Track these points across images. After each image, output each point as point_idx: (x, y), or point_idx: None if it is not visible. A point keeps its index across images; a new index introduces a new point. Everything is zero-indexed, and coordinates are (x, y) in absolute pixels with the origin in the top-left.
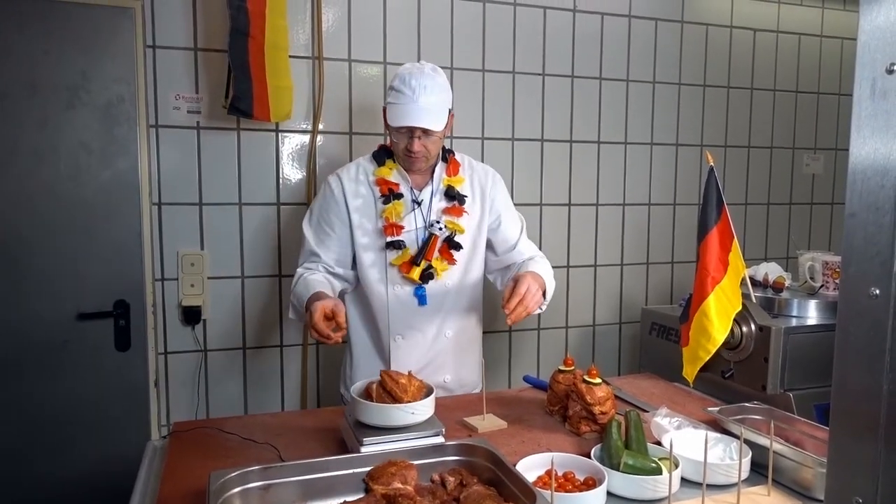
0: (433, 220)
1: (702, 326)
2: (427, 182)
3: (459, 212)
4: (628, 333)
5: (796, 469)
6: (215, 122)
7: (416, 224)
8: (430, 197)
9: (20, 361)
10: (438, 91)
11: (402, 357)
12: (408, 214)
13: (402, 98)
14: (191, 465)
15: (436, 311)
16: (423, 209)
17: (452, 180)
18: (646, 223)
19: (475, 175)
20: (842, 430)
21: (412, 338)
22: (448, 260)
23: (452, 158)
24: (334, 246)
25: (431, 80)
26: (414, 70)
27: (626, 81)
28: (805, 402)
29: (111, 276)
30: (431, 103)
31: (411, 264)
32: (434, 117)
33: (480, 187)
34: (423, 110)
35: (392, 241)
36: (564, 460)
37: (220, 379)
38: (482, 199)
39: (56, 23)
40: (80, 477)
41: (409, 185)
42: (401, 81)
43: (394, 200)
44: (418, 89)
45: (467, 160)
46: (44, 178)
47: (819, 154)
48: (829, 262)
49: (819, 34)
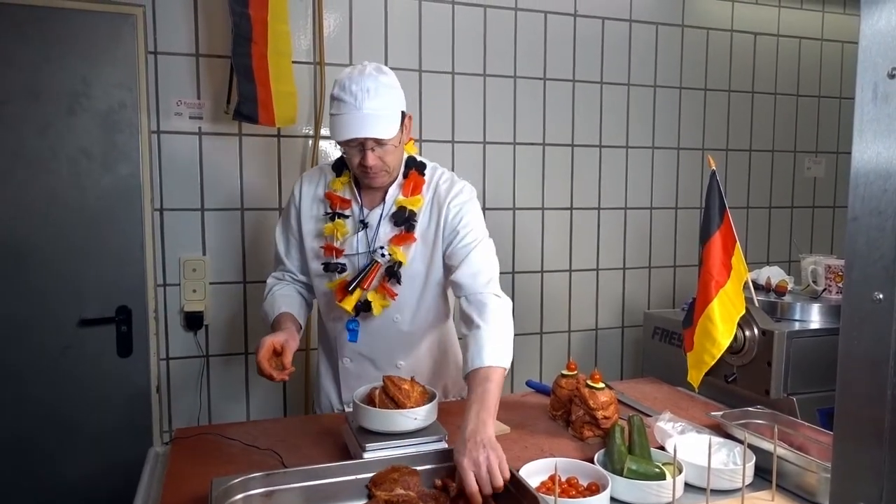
0: (378, 245)
1: (706, 331)
2: (380, 202)
3: (405, 239)
4: (630, 337)
5: (800, 474)
6: (217, 127)
7: (359, 248)
8: (379, 219)
9: (22, 367)
10: (384, 92)
11: (350, 381)
12: (352, 236)
13: (343, 107)
14: (193, 471)
15: (383, 342)
16: (369, 232)
17: (407, 201)
18: (647, 227)
19: (437, 194)
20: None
21: (360, 363)
22: (386, 293)
23: (414, 175)
24: (297, 254)
25: (374, 80)
26: (354, 73)
27: (627, 85)
28: (808, 407)
29: (113, 281)
30: (378, 108)
31: (345, 290)
32: (383, 124)
33: (438, 207)
34: (368, 118)
35: (328, 263)
36: (568, 465)
37: (222, 384)
38: (437, 220)
39: (58, 29)
40: (82, 483)
41: (360, 204)
42: (340, 88)
43: (338, 219)
44: (360, 94)
45: (437, 176)
46: (45, 185)
47: (821, 157)
48: (832, 265)
49: (819, 38)
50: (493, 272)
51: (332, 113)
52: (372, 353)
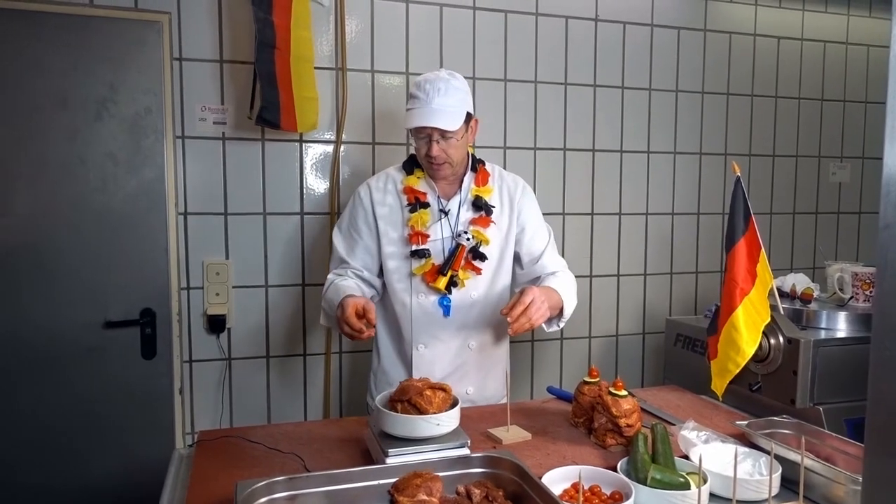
0: (460, 230)
1: (731, 339)
2: (455, 192)
3: (486, 222)
4: (651, 344)
5: (828, 485)
6: (240, 132)
7: (443, 233)
8: (458, 207)
9: (48, 368)
10: (453, 92)
11: (424, 367)
12: (434, 224)
13: (417, 102)
14: (217, 473)
15: (460, 321)
16: (451, 219)
17: (480, 190)
18: (669, 233)
19: (504, 185)
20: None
21: (435, 348)
22: (473, 270)
23: (482, 168)
24: (362, 253)
25: (446, 83)
26: (430, 76)
27: (648, 90)
28: (835, 417)
29: (138, 284)
30: (445, 104)
31: (437, 274)
32: (447, 118)
33: (509, 197)
34: (436, 111)
35: (417, 250)
36: (591, 474)
37: (243, 387)
38: (510, 209)
39: (86, 37)
40: (106, 484)
41: (437, 195)
42: (416, 87)
43: (420, 209)
44: (432, 92)
45: (497, 170)
46: (72, 189)
47: (846, 162)
48: (859, 273)
49: (844, 41)
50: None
51: (407, 108)
52: (447, 336)
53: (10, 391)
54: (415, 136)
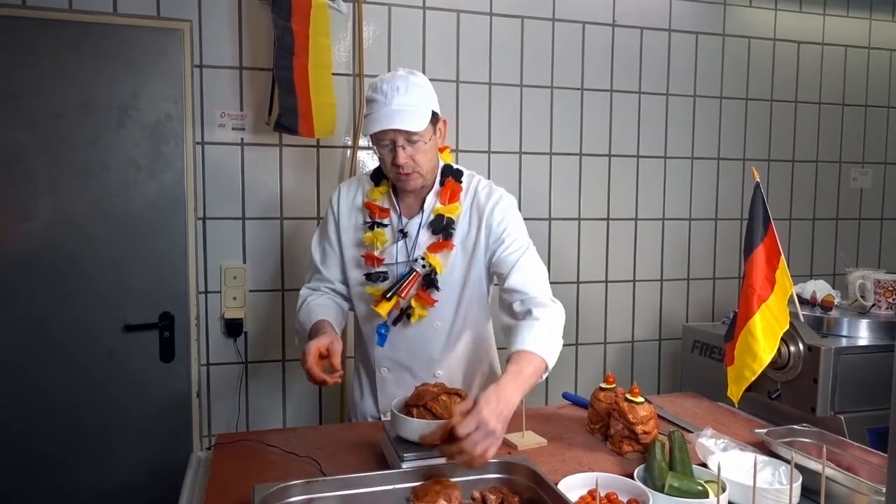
0: (417, 254)
1: (747, 346)
2: (418, 211)
3: (442, 247)
4: (668, 351)
5: (849, 496)
6: (259, 138)
7: (397, 258)
8: (418, 228)
9: (68, 371)
10: (414, 90)
11: (388, 389)
12: (391, 246)
13: (374, 106)
14: (234, 477)
15: (421, 350)
16: (408, 241)
17: (445, 209)
18: (686, 238)
19: (476, 201)
20: None
21: (397, 372)
22: (425, 301)
23: (450, 182)
24: (334, 263)
25: (405, 80)
26: (386, 76)
27: (665, 95)
28: (857, 426)
29: (157, 288)
30: (406, 104)
31: (381, 296)
32: (410, 118)
33: (479, 215)
34: (397, 112)
35: (370, 273)
36: (607, 481)
37: (259, 391)
38: (478, 227)
39: (109, 44)
40: (125, 486)
41: (399, 213)
42: (372, 90)
43: (377, 228)
44: (390, 92)
45: (474, 183)
46: (94, 194)
47: (867, 168)
48: (882, 280)
49: (867, 46)
50: (545, 277)
51: (364, 114)
52: (410, 362)
53: (30, 393)
54: (377, 145)
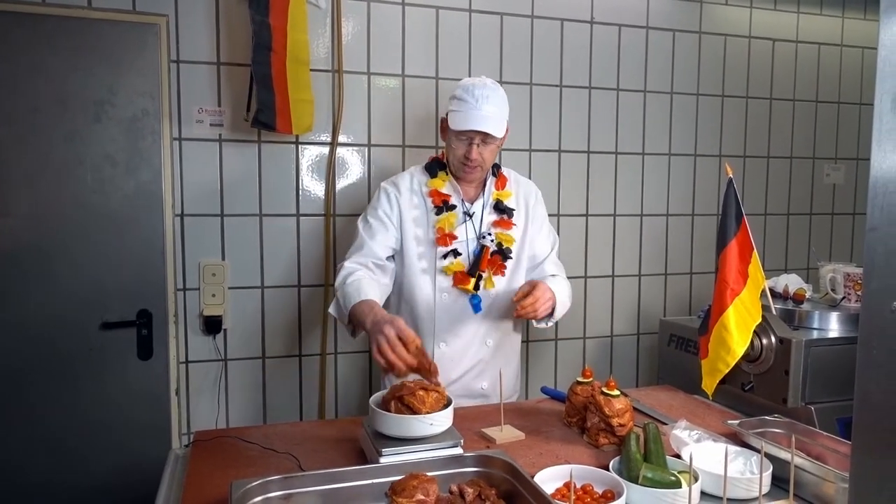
0: (483, 231)
1: (721, 339)
2: (478, 195)
3: (508, 224)
4: (646, 345)
5: (818, 484)
6: (237, 134)
7: (468, 235)
8: (482, 209)
9: (45, 369)
10: (499, 101)
11: (445, 363)
12: (460, 225)
13: (464, 106)
14: (212, 473)
15: (480, 319)
16: (475, 221)
17: (501, 194)
18: (664, 234)
19: (521, 189)
20: (864, 445)
21: (455, 345)
22: (499, 270)
23: (500, 173)
24: (382, 239)
25: (493, 91)
26: (476, 81)
27: (643, 92)
28: (827, 416)
29: (134, 285)
30: (492, 112)
31: (466, 275)
32: (494, 124)
33: (525, 201)
34: (484, 117)
35: (446, 252)
36: (583, 473)
37: (239, 388)
38: (526, 213)
39: (85, 39)
40: (103, 484)
41: (461, 198)
42: (464, 91)
43: (447, 211)
44: (481, 98)
45: (513, 175)
46: (70, 190)
47: (840, 164)
48: (851, 273)
49: (839, 43)
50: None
51: (452, 109)
52: (468, 332)
53: (7, 391)
54: (455, 138)
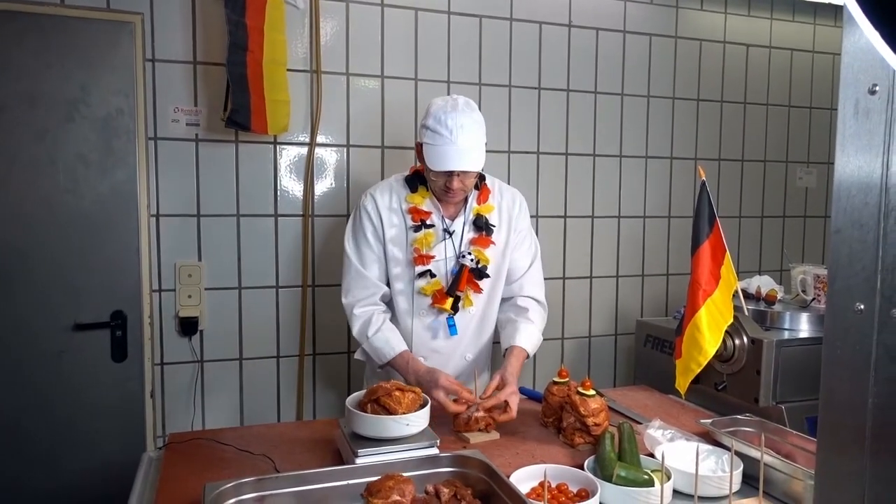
0: (463, 250)
1: (694, 339)
2: (459, 211)
3: (486, 242)
4: (623, 345)
5: (787, 481)
6: (214, 134)
7: (447, 254)
8: (462, 227)
9: (16, 371)
10: (476, 129)
11: None
12: (438, 244)
13: (439, 139)
14: (186, 476)
15: (459, 336)
16: (455, 239)
17: (482, 209)
18: (641, 235)
19: (504, 201)
20: (829, 443)
21: (434, 360)
22: (474, 290)
23: (483, 185)
24: (374, 263)
25: (468, 117)
26: (448, 106)
27: (620, 95)
28: (797, 415)
29: (108, 286)
30: (470, 143)
31: (444, 295)
32: (474, 157)
33: (508, 214)
34: (462, 152)
35: (423, 271)
36: (558, 472)
37: (215, 390)
38: (508, 226)
39: (57, 37)
40: (76, 487)
41: (441, 215)
42: (436, 121)
43: (425, 230)
44: (455, 129)
45: (497, 185)
46: (42, 190)
47: (812, 168)
48: (821, 275)
49: (811, 49)
50: (543, 280)
51: (426, 142)
52: (447, 349)
53: None
54: (432, 171)
